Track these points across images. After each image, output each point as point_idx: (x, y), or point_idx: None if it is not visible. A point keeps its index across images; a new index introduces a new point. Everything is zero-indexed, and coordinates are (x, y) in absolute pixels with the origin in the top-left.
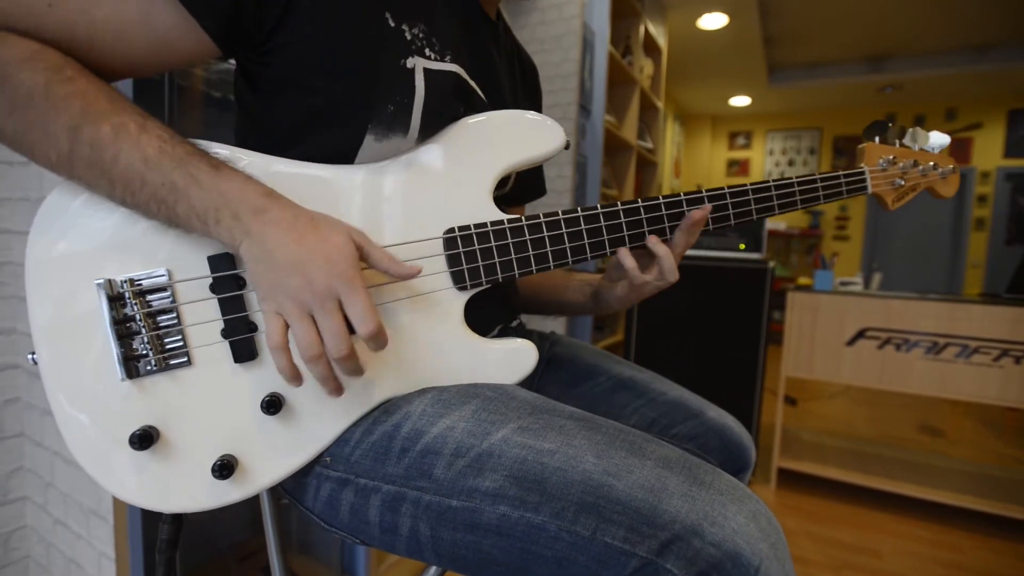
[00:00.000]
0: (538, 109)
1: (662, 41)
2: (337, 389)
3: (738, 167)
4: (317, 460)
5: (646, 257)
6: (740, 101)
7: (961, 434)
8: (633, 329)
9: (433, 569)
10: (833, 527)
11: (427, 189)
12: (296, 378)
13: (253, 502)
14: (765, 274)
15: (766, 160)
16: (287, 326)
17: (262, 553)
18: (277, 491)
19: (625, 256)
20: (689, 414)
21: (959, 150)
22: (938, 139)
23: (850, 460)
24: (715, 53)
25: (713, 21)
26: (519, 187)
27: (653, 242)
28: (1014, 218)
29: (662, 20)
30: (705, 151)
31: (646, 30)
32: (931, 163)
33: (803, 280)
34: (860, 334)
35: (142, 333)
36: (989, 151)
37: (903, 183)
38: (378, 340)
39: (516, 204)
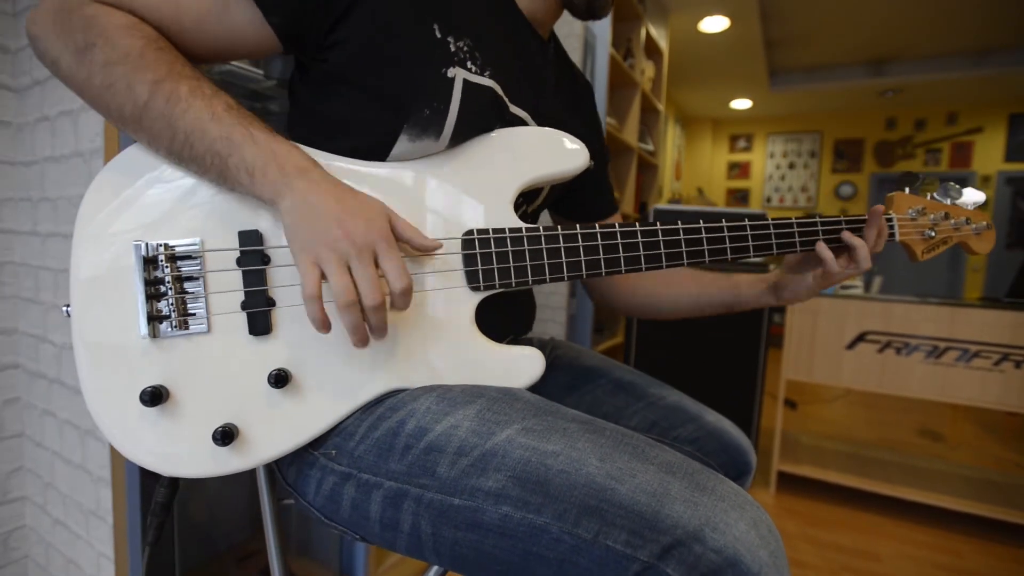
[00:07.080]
0: (585, 129)
1: (663, 44)
2: (364, 339)
3: (739, 170)
4: (322, 452)
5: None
6: (741, 104)
7: (961, 438)
8: (633, 331)
9: (434, 569)
10: (832, 531)
11: (451, 192)
12: (326, 325)
13: (253, 502)
14: None
15: (767, 163)
16: (322, 278)
17: (262, 554)
18: (278, 491)
19: (824, 250)
20: (688, 417)
21: (959, 154)
22: (972, 195)
23: (850, 464)
24: (716, 56)
25: (714, 24)
26: (575, 202)
27: (848, 236)
28: (1015, 222)
29: (663, 23)
30: (706, 154)
31: (647, 33)
32: (964, 218)
33: None
34: (860, 337)
35: (168, 295)
36: (990, 155)
37: (934, 235)
38: (407, 298)
39: (586, 219)
